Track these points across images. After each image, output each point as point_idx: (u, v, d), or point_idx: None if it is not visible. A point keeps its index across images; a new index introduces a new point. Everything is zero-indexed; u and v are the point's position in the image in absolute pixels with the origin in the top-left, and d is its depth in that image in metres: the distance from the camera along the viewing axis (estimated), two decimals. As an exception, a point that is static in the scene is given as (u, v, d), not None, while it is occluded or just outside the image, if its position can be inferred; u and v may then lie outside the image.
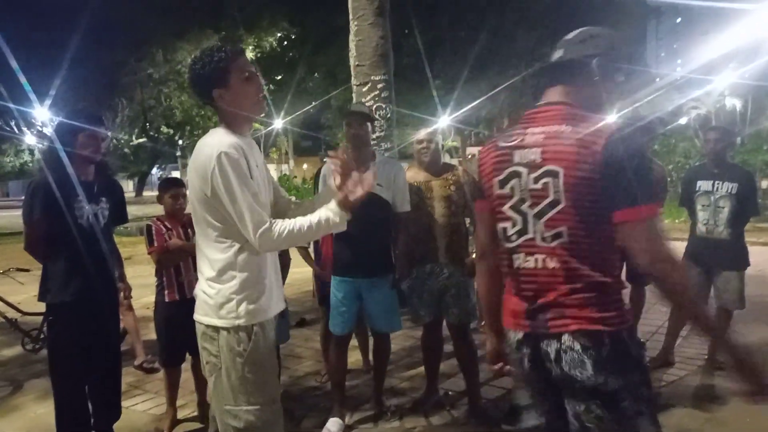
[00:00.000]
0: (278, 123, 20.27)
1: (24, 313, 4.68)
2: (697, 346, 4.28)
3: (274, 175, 2.51)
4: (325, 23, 13.53)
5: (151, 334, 3.73)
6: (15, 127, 21.35)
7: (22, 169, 32.29)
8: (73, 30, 12.77)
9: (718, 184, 3.75)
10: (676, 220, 10.23)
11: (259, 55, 16.43)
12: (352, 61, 5.11)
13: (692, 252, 3.83)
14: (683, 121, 17.97)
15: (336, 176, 1.86)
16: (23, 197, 2.76)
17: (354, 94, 5.14)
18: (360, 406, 3.44)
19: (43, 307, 2.82)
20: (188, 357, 3.35)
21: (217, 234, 1.85)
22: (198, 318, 1.92)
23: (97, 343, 2.76)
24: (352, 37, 5.09)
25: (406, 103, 12.85)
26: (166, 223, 3.26)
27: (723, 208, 3.72)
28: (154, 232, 3.21)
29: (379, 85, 5.01)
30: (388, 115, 5.10)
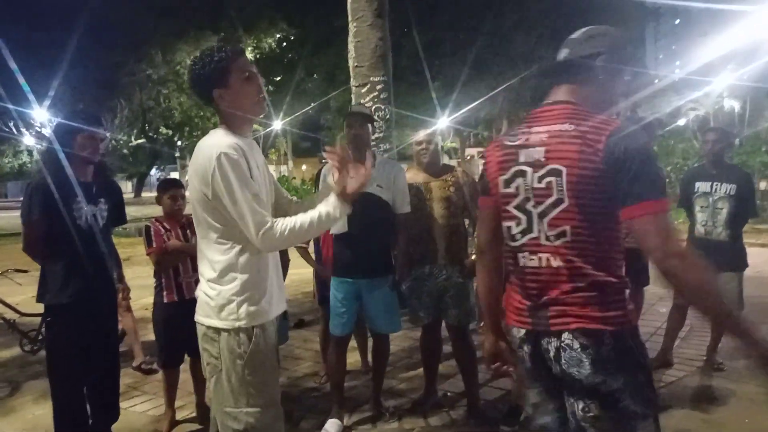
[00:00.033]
0: (277, 124, 20.27)
1: (22, 314, 4.67)
2: (696, 347, 4.29)
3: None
4: (324, 24, 13.55)
5: (149, 335, 3.73)
6: (14, 128, 21.34)
7: (20, 170, 32.26)
8: (72, 31, 12.77)
9: (717, 185, 3.75)
10: (675, 222, 10.23)
11: (258, 57, 16.45)
12: (351, 63, 5.11)
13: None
14: (682, 122, 18.01)
15: (334, 172, 1.85)
16: (22, 198, 2.75)
17: (353, 96, 5.15)
18: (358, 407, 3.44)
19: (42, 308, 2.82)
20: (187, 358, 3.35)
21: (218, 235, 1.84)
22: (199, 319, 1.91)
23: (96, 344, 2.75)
24: (351, 39, 5.09)
25: (405, 104, 12.87)
26: (165, 224, 3.26)
27: (721, 210, 3.72)
28: (153, 233, 3.21)
29: (378, 87, 5.01)
30: (387, 117, 5.10)
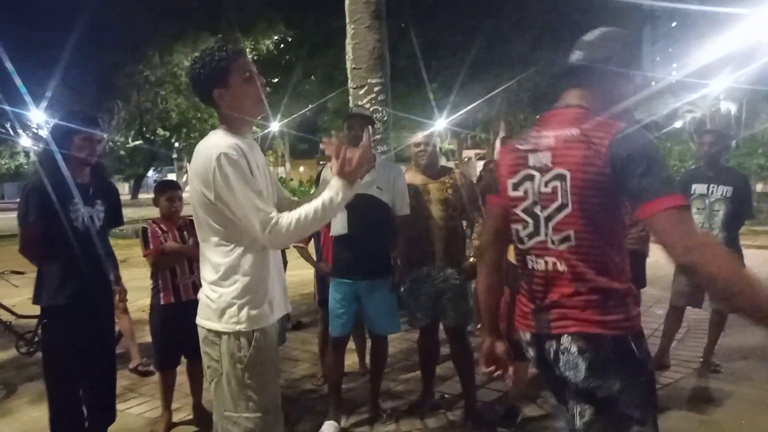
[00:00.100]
0: (275, 126, 20.24)
1: (18, 316, 4.65)
2: (693, 349, 4.30)
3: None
4: (321, 26, 13.54)
5: (146, 337, 3.73)
6: (10, 129, 21.25)
7: (17, 171, 32.15)
8: (69, 32, 12.72)
9: (713, 187, 3.77)
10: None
11: (255, 58, 16.40)
12: (349, 64, 5.11)
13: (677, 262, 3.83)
14: (678, 124, 18.05)
15: (333, 162, 1.83)
16: (18, 200, 2.74)
17: (351, 97, 5.14)
18: (356, 410, 3.44)
19: (38, 309, 2.80)
20: (183, 360, 3.34)
21: (219, 238, 1.82)
22: (200, 322, 1.89)
23: (92, 346, 2.75)
24: (348, 40, 5.09)
25: (402, 105, 12.88)
26: (162, 226, 3.25)
27: (718, 212, 3.73)
28: (150, 234, 3.21)
29: (376, 88, 5.01)
30: (385, 118, 5.10)
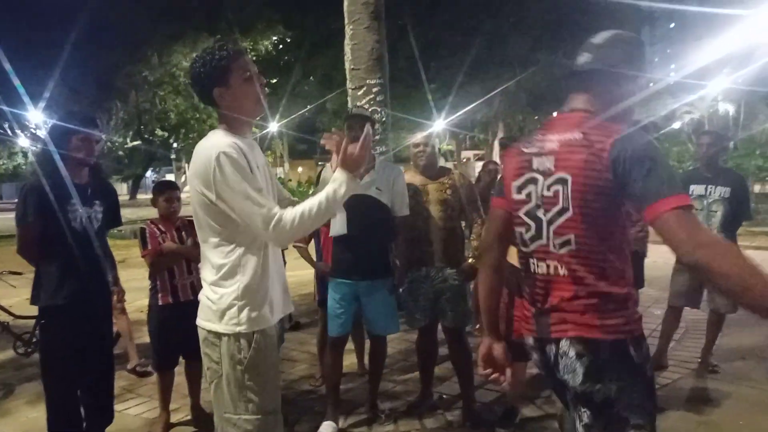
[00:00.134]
0: (273, 126, 20.24)
1: (16, 317, 4.65)
2: (690, 350, 4.31)
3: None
4: (320, 27, 13.53)
5: (144, 337, 3.73)
6: (8, 130, 21.23)
7: (15, 171, 32.07)
8: (68, 32, 12.71)
9: (711, 188, 3.77)
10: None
11: (254, 59, 16.34)
12: (348, 65, 5.11)
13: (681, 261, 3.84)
14: (677, 125, 18.08)
15: (334, 158, 1.82)
16: (16, 200, 2.74)
17: (349, 98, 5.15)
18: (354, 410, 3.44)
19: (35, 310, 2.80)
20: (181, 360, 3.34)
21: (219, 238, 1.81)
22: (200, 323, 1.88)
23: (90, 347, 2.74)
24: (347, 41, 5.09)
25: (401, 106, 12.87)
26: (160, 227, 3.25)
27: (716, 213, 3.74)
28: (148, 235, 3.21)
29: (375, 89, 5.01)
30: (384, 119, 5.10)
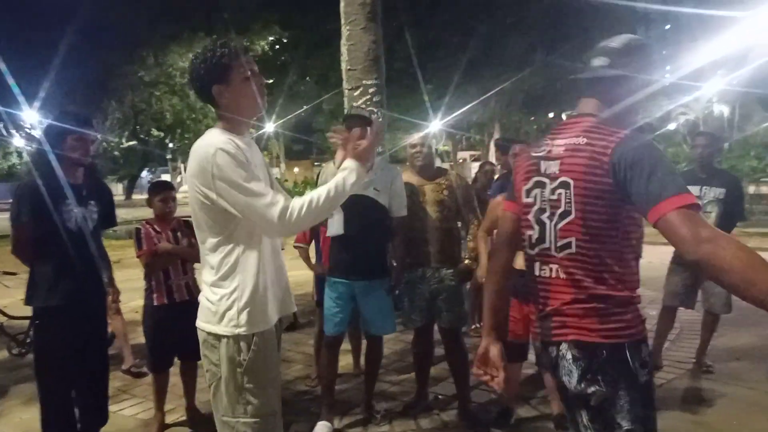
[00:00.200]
0: (270, 126, 20.23)
1: (10, 317, 4.63)
2: (685, 350, 4.32)
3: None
4: (317, 27, 13.53)
5: (139, 338, 3.71)
6: (3, 129, 21.17)
7: (10, 171, 31.95)
8: (64, 32, 12.70)
9: (706, 189, 3.79)
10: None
11: (251, 59, 16.33)
12: (344, 66, 5.11)
13: (680, 256, 3.85)
14: (672, 126, 18.10)
15: (339, 154, 1.80)
16: (11, 200, 2.73)
17: (346, 99, 5.14)
18: (350, 410, 3.44)
19: (30, 310, 2.79)
20: (177, 361, 3.33)
21: (218, 239, 1.80)
22: (200, 325, 1.87)
23: (85, 348, 2.73)
24: (343, 42, 5.09)
25: (397, 107, 12.87)
26: (156, 227, 3.25)
27: (710, 213, 3.75)
28: (143, 235, 3.20)
29: (371, 90, 5.00)
30: (380, 119, 5.10)
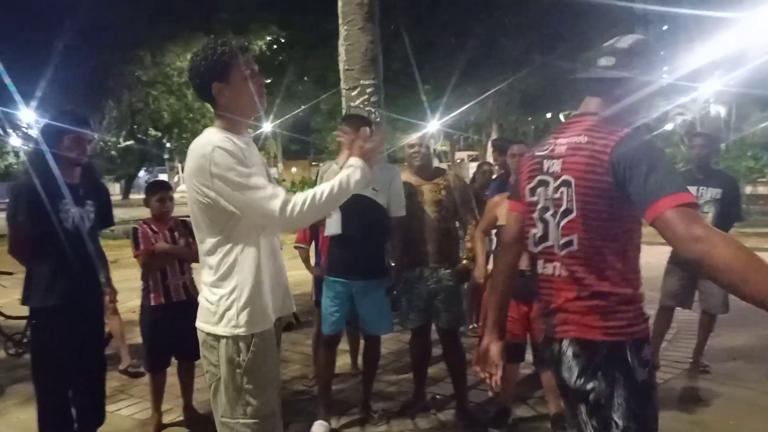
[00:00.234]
0: (267, 126, 20.22)
1: (7, 317, 4.62)
2: (682, 350, 4.33)
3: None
4: (314, 27, 13.52)
5: (136, 338, 3.71)
6: (0, 129, 21.10)
7: (6, 171, 31.84)
8: (61, 31, 12.65)
9: (703, 189, 3.80)
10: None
11: (248, 59, 16.29)
12: (342, 66, 5.11)
13: (677, 256, 3.86)
14: (669, 127, 18.15)
15: (344, 153, 1.80)
16: (7, 199, 2.72)
17: (343, 99, 5.14)
18: (347, 410, 3.43)
19: (27, 310, 2.78)
20: (174, 361, 3.33)
21: (217, 239, 1.80)
22: (199, 325, 1.86)
23: (82, 348, 2.72)
24: (341, 42, 5.09)
25: (395, 107, 12.86)
26: (153, 227, 3.24)
27: (707, 214, 3.76)
28: (141, 235, 3.19)
29: (369, 90, 5.00)
30: (378, 120, 5.10)
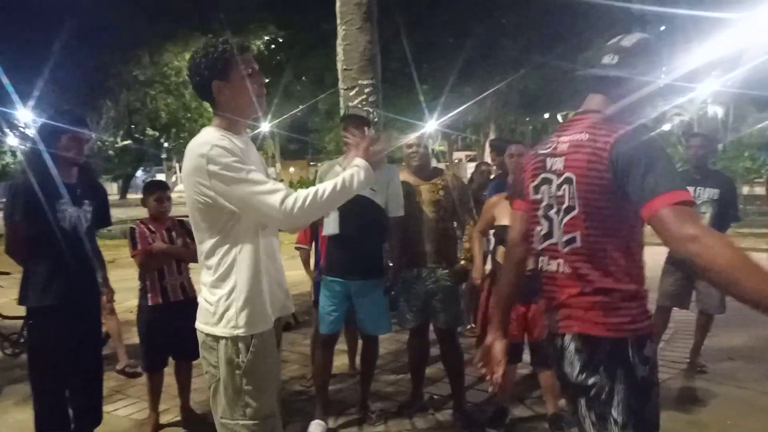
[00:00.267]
0: (265, 126, 20.19)
1: (4, 317, 4.60)
2: (679, 350, 4.34)
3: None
4: (313, 28, 13.51)
5: (134, 338, 3.70)
6: (-3, 129, 21.04)
7: (4, 170, 31.76)
8: (59, 31, 12.62)
9: (700, 190, 3.81)
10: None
11: (247, 58, 16.26)
12: (340, 66, 5.11)
13: (674, 256, 3.87)
14: (666, 127, 18.18)
15: (349, 154, 1.80)
16: (4, 199, 2.72)
17: (341, 99, 5.14)
18: (345, 410, 3.43)
19: (23, 310, 2.78)
20: (171, 361, 3.32)
21: (216, 240, 1.79)
22: (199, 326, 1.86)
23: (79, 348, 2.72)
24: (339, 42, 5.09)
25: (393, 107, 12.86)
26: (150, 226, 3.23)
27: (705, 214, 3.77)
28: (138, 235, 3.19)
29: (367, 90, 5.01)
30: (376, 120, 5.10)
